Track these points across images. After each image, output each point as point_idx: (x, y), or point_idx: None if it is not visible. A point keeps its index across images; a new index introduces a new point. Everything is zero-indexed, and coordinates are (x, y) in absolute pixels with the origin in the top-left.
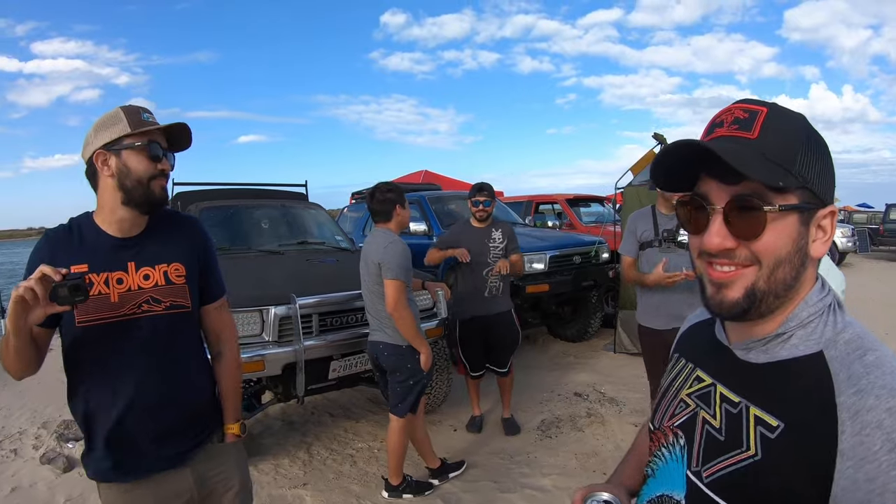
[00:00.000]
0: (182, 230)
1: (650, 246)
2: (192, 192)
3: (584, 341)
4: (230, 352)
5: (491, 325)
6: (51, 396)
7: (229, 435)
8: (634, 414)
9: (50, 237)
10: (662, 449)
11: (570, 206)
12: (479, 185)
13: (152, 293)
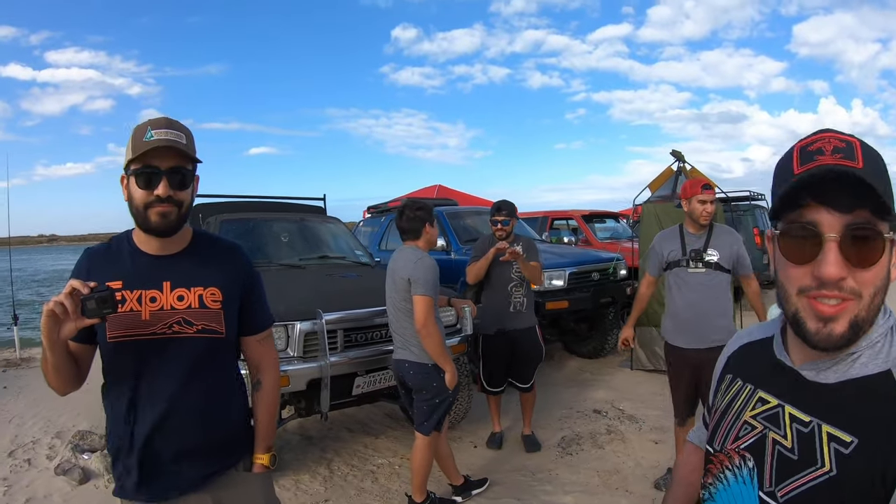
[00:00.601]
0: (224, 256)
1: (678, 265)
2: (211, 205)
3: (601, 358)
4: (269, 383)
5: (515, 341)
6: (64, 406)
7: (257, 465)
8: (654, 431)
9: (89, 254)
10: (726, 472)
11: (585, 222)
12: (498, 205)
13: (185, 315)
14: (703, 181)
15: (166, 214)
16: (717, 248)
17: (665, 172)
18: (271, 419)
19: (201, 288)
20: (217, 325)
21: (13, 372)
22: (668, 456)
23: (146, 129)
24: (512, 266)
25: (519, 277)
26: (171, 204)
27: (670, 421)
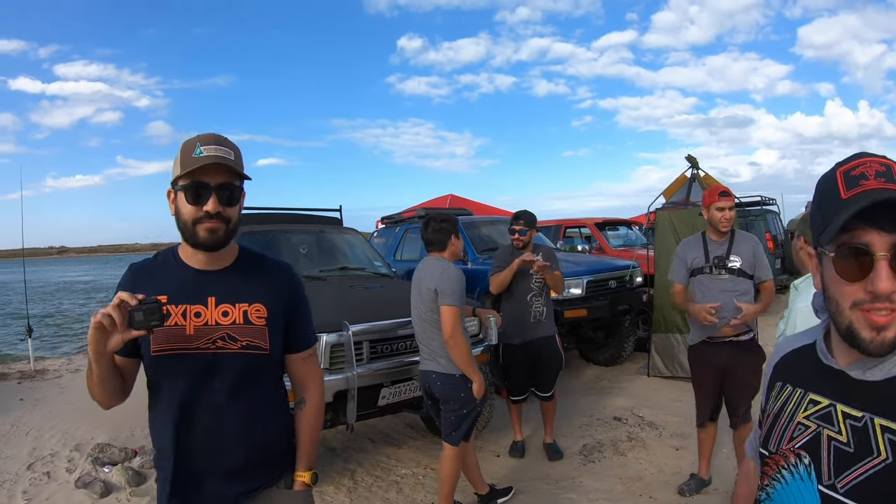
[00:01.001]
0: (270, 274)
1: (701, 272)
2: None
3: (617, 365)
4: (313, 400)
5: (536, 350)
6: (82, 418)
7: (299, 482)
8: (675, 437)
9: (134, 269)
10: (782, 471)
11: (598, 230)
12: (517, 215)
13: (229, 331)
14: (720, 189)
15: (215, 230)
16: (740, 255)
17: (679, 179)
18: (314, 437)
19: (246, 304)
20: (261, 341)
21: (28, 384)
22: (689, 462)
23: (195, 145)
24: (532, 276)
25: (539, 287)
26: (220, 220)
27: (690, 427)
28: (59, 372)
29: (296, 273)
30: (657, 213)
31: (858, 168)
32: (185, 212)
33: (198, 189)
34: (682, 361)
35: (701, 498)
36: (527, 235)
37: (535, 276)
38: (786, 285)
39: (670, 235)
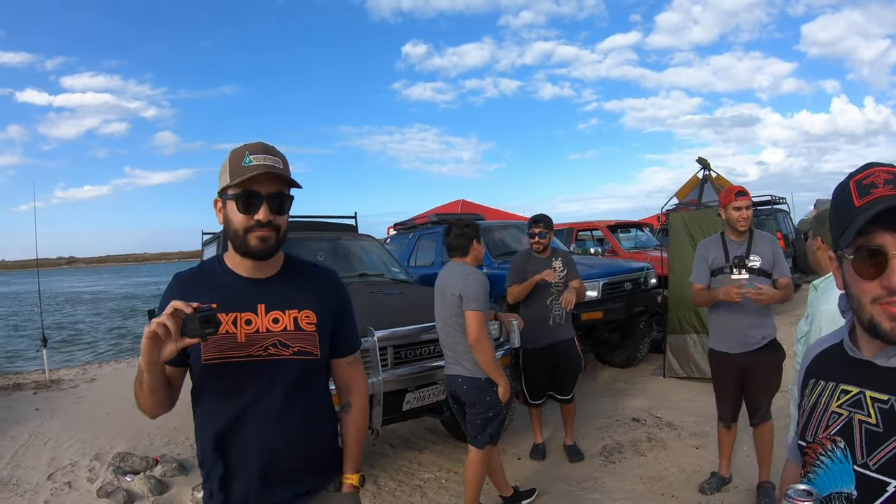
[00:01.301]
0: (318, 280)
1: (721, 272)
2: None
3: (633, 367)
4: (358, 404)
5: (556, 353)
6: (100, 428)
7: (347, 485)
8: (693, 437)
9: (180, 278)
10: (821, 458)
11: (610, 233)
12: (535, 218)
13: (280, 337)
14: (737, 189)
15: (266, 239)
16: (759, 254)
17: (691, 180)
18: (360, 440)
19: (296, 311)
20: (312, 347)
21: (44, 394)
22: (709, 460)
23: (244, 155)
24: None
25: (558, 291)
26: (271, 228)
27: (708, 426)
28: (74, 382)
29: (341, 279)
30: (670, 215)
31: (869, 178)
32: (235, 221)
33: (249, 198)
34: (698, 362)
35: (722, 496)
36: (546, 238)
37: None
38: (798, 283)
39: (684, 236)
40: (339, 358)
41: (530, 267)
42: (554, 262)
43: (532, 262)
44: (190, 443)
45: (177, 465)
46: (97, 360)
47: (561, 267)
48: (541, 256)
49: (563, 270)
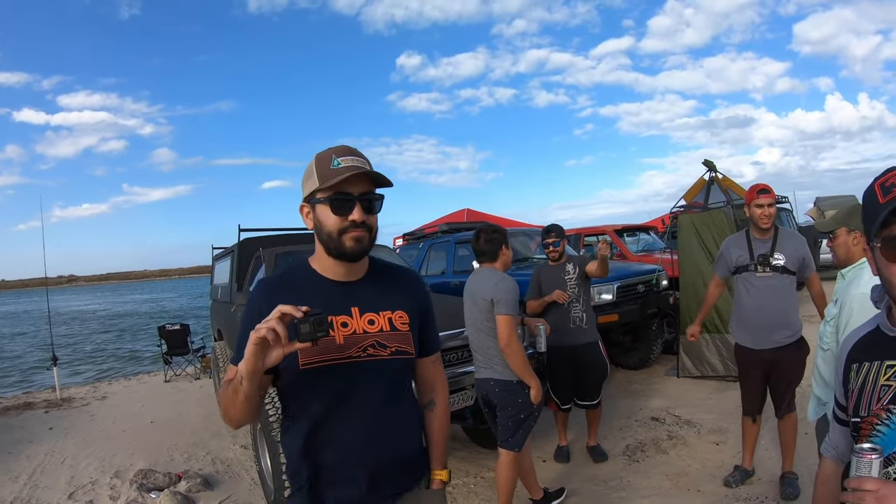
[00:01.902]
0: (405, 281)
1: (746, 270)
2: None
3: (646, 368)
4: (442, 402)
5: (578, 356)
6: (116, 445)
7: (436, 481)
8: (713, 433)
9: (268, 283)
10: (877, 427)
11: (618, 237)
12: (548, 228)
13: (378, 338)
14: (760, 186)
15: (360, 239)
16: (784, 252)
17: (698, 183)
18: (445, 437)
19: (389, 311)
20: (408, 346)
21: (56, 412)
22: (730, 455)
23: (331, 158)
24: (566, 283)
25: (575, 293)
26: (364, 229)
27: (726, 423)
28: (85, 399)
29: (424, 279)
30: (679, 217)
31: (890, 179)
32: (329, 223)
33: (341, 199)
34: (711, 361)
35: (746, 488)
36: (560, 247)
37: (569, 283)
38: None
39: (693, 238)
40: (424, 357)
41: (544, 275)
42: (567, 266)
43: (546, 271)
44: (211, 458)
45: (201, 480)
46: (105, 377)
47: (573, 270)
48: (555, 265)
49: (577, 270)
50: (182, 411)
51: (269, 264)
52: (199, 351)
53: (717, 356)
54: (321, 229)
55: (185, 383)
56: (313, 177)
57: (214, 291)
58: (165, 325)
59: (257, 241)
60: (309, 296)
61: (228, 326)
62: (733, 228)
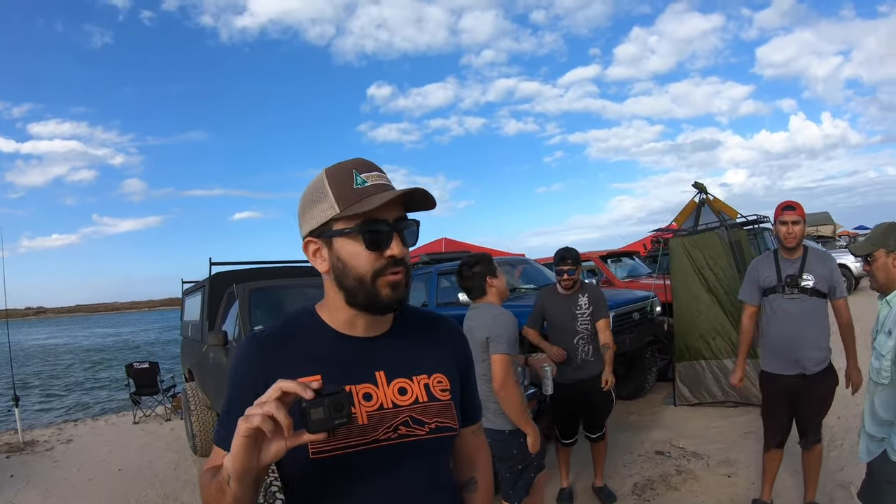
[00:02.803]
0: (440, 333)
1: (773, 292)
2: (232, 273)
3: (642, 397)
4: (485, 481)
5: (585, 390)
6: (81, 495)
7: None
8: (722, 465)
9: (260, 340)
10: None
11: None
12: (563, 254)
13: (412, 412)
14: (785, 203)
15: (399, 285)
16: (813, 273)
17: (689, 205)
18: None
19: (425, 375)
20: (450, 420)
21: (18, 458)
22: (743, 487)
23: (350, 174)
24: (579, 317)
25: (586, 331)
26: (403, 268)
27: (734, 453)
28: (49, 443)
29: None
30: (671, 240)
31: None
32: (359, 262)
33: (376, 230)
34: (709, 387)
35: None
36: (575, 275)
37: (581, 320)
38: None
39: (686, 261)
40: (464, 426)
41: (552, 305)
42: (580, 298)
43: (555, 300)
44: None
45: None
46: (71, 419)
47: (587, 304)
48: (566, 294)
49: (590, 307)
50: (152, 457)
51: (244, 301)
52: (169, 390)
53: (715, 383)
54: (346, 272)
55: (155, 425)
56: (328, 199)
57: (185, 328)
58: (133, 364)
59: (230, 276)
60: (318, 358)
61: (200, 367)
62: (728, 250)
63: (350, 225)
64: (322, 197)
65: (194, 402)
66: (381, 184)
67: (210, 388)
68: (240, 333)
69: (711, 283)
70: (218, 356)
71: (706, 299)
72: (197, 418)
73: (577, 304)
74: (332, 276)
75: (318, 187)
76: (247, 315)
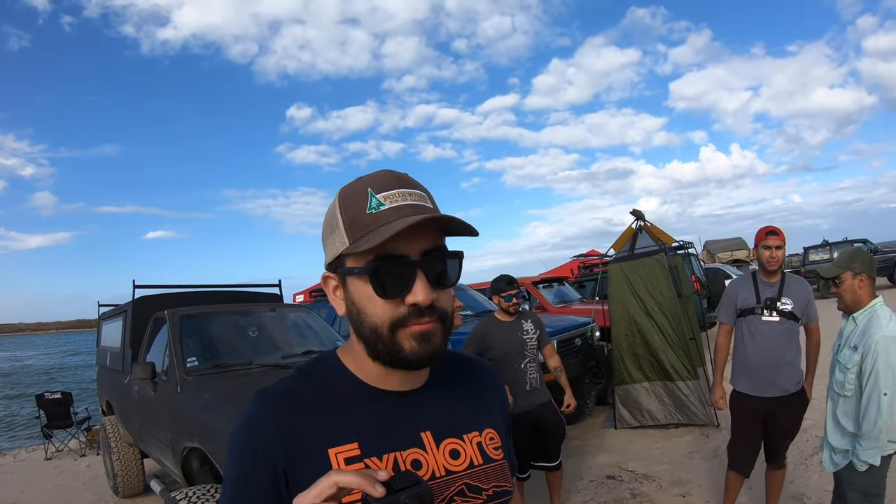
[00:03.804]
0: (483, 380)
1: (752, 313)
2: (159, 297)
3: (581, 422)
4: None
5: (536, 419)
6: None
7: None
8: (675, 486)
9: (274, 401)
10: None
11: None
12: (508, 279)
13: (469, 479)
14: (768, 228)
15: (429, 336)
16: (791, 297)
17: (626, 232)
18: None
19: (476, 433)
20: (507, 482)
21: None
22: None
23: (366, 193)
24: (526, 343)
25: (533, 354)
26: (435, 317)
27: (684, 473)
28: None
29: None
30: (609, 266)
31: None
32: (372, 311)
33: (391, 269)
34: (650, 409)
35: None
36: (521, 298)
37: (529, 343)
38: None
39: (624, 286)
40: None
41: (497, 332)
42: (525, 324)
43: (499, 327)
44: None
45: None
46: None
47: (533, 330)
48: (509, 320)
49: (536, 332)
50: (68, 498)
51: (174, 328)
52: (83, 423)
53: (656, 404)
54: (361, 319)
55: (69, 461)
56: (339, 229)
57: (102, 356)
58: (44, 394)
59: (157, 300)
60: (351, 421)
61: (121, 400)
62: (667, 275)
63: (360, 263)
64: (334, 224)
65: (114, 438)
66: (403, 205)
67: (133, 424)
68: (171, 364)
69: (650, 307)
70: (144, 390)
71: (645, 323)
72: (118, 456)
73: (522, 330)
74: (350, 321)
75: (332, 210)
76: (178, 344)
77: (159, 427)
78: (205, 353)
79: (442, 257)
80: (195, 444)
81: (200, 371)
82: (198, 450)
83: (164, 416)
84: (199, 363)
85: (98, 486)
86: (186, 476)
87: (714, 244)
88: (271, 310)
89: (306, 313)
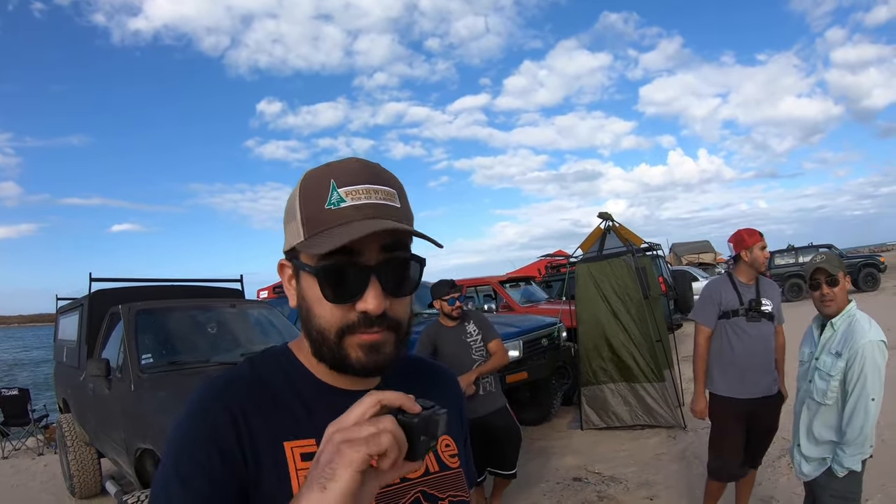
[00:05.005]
0: (442, 386)
1: (736, 315)
2: (116, 291)
3: (547, 423)
4: None
5: (489, 425)
6: None
7: None
8: (642, 487)
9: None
10: None
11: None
12: (450, 282)
13: (424, 486)
14: (755, 230)
15: (378, 347)
16: (770, 298)
17: (594, 232)
18: None
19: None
20: (463, 491)
21: None
22: None
23: (328, 184)
24: (472, 347)
25: (482, 357)
26: (387, 327)
27: (650, 475)
28: None
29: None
30: (577, 266)
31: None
32: (321, 315)
33: (342, 273)
34: (616, 410)
35: None
36: (463, 302)
37: (475, 347)
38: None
39: (591, 287)
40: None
41: (444, 338)
42: (467, 326)
43: (444, 333)
44: None
45: None
46: None
47: (476, 331)
48: (452, 325)
49: (479, 333)
50: (25, 499)
51: (129, 324)
52: (41, 420)
53: (622, 405)
54: (309, 318)
55: (27, 460)
56: (296, 220)
57: (59, 352)
58: (1, 390)
59: (114, 294)
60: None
61: (77, 398)
62: (633, 276)
63: (312, 262)
64: (294, 215)
65: (70, 437)
66: (365, 204)
67: (89, 422)
68: (125, 361)
69: (617, 308)
70: (99, 387)
71: (612, 324)
72: (74, 456)
73: (465, 333)
74: (300, 317)
75: (293, 200)
76: (133, 340)
77: (113, 426)
78: (161, 350)
79: (401, 263)
80: (148, 444)
81: (156, 369)
82: (151, 451)
83: (117, 415)
84: (155, 360)
85: (56, 488)
86: (140, 477)
87: (681, 247)
88: (232, 306)
89: (269, 310)
